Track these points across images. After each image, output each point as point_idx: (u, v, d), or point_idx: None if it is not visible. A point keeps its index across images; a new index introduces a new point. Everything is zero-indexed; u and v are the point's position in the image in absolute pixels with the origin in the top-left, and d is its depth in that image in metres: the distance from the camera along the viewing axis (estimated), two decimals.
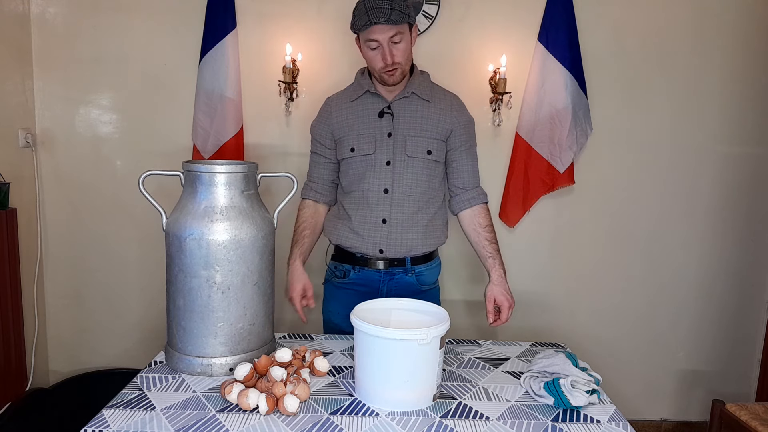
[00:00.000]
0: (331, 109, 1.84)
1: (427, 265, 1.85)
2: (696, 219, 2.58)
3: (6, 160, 2.27)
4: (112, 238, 2.54)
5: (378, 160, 1.76)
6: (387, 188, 1.76)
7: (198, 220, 1.42)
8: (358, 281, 1.83)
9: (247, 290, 1.46)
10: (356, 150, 1.77)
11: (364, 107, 1.79)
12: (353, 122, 1.79)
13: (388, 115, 1.76)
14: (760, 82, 2.48)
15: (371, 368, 1.32)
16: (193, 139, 2.42)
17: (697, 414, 2.72)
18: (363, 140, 1.77)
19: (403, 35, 1.66)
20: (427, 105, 1.78)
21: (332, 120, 1.82)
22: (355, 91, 1.82)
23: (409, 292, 1.80)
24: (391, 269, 1.80)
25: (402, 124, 1.76)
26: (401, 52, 1.67)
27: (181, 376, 1.43)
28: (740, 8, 2.43)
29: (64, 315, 2.59)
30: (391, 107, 1.77)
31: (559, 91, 2.35)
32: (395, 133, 1.76)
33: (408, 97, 1.77)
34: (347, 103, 1.82)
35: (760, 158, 2.55)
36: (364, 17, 1.63)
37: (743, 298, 2.64)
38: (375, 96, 1.78)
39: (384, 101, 1.78)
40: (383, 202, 1.76)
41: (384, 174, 1.76)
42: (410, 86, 1.77)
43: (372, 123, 1.77)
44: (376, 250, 1.78)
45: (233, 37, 2.34)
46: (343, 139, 1.80)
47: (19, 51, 2.36)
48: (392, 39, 1.64)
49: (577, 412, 1.31)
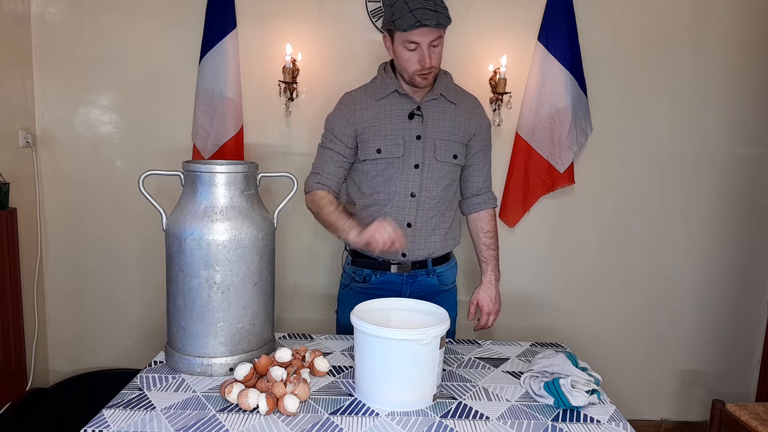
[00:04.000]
0: (356, 106, 1.74)
1: (446, 265, 1.85)
2: (696, 219, 2.58)
3: (6, 160, 2.27)
4: (112, 238, 2.54)
5: (406, 163, 1.71)
6: (414, 192, 1.72)
7: (198, 220, 1.42)
8: (380, 285, 1.79)
9: (247, 290, 1.46)
10: (383, 152, 1.70)
11: (391, 107, 1.72)
12: (380, 123, 1.71)
13: (418, 117, 1.71)
14: (760, 82, 2.48)
15: (371, 368, 1.32)
16: (193, 139, 2.42)
17: (697, 414, 2.72)
18: (391, 142, 1.70)
19: (441, 39, 1.62)
20: (453, 108, 1.75)
21: (356, 118, 1.73)
22: (380, 89, 1.73)
23: (430, 293, 1.79)
24: (413, 272, 1.79)
25: (431, 126, 1.71)
26: (437, 56, 1.63)
27: (181, 376, 1.43)
28: (740, 8, 2.43)
29: (64, 315, 2.59)
30: (421, 108, 1.71)
31: (559, 91, 2.35)
32: (424, 136, 1.71)
33: (437, 99, 1.72)
34: (372, 101, 1.73)
35: (760, 158, 2.55)
36: (410, 17, 1.54)
37: (743, 298, 2.64)
38: (404, 96, 1.72)
39: (413, 102, 1.72)
40: (409, 206, 1.73)
41: (412, 177, 1.71)
42: (438, 88, 1.72)
43: (400, 124, 1.71)
44: (398, 254, 1.74)
45: (233, 37, 2.34)
46: (369, 139, 1.72)
47: (19, 51, 2.36)
48: (432, 42, 1.59)
49: (577, 412, 1.31)
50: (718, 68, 2.47)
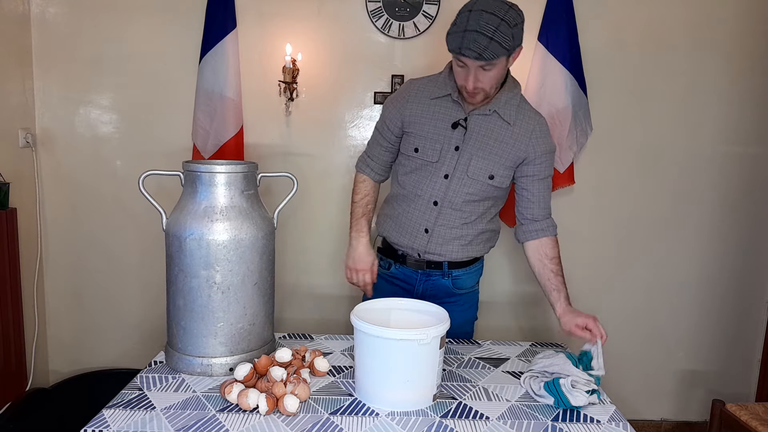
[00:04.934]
0: (409, 98, 1.69)
1: (466, 269, 1.81)
2: (696, 219, 2.58)
3: (6, 160, 2.27)
4: (112, 238, 2.54)
5: (438, 170, 1.67)
6: (437, 201, 1.69)
7: (198, 220, 1.42)
8: (399, 276, 1.83)
9: (247, 290, 1.46)
10: (420, 152, 1.67)
11: (440, 111, 1.66)
12: (425, 123, 1.67)
13: (462, 128, 1.65)
14: (760, 82, 2.48)
15: (371, 368, 1.32)
16: (193, 139, 2.42)
17: (697, 414, 2.72)
18: (429, 145, 1.66)
19: (496, 65, 1.49)
20: (506, 127, 1.64)
21: (406, 110, 1.69)
22: (438, 88, 1.67)
23: (444, 293, 1.79)
24: (428, 270, 1.79)
25: (473, 141, 1.64)
26: (489, 79, 1.52)
27: (181, 376, 1.43)
28: (740, 8, 2.43)
29: (64, 315, 2.59)
30: (467, 120, 1.64)
31: (559, 91, 2.35)
32: (463, 149, 1.65)
33: (489, 115, 1.63)
34: (426, 99, 1.68)
35: (760, 158, 2.55)
36: (457, 39, 1.45)
37: (743, 298, 2.64)
38: (455, 103, 1.65)
39: (462, 111, 1.65)
40: (430, 213, 1.70)
41: (439, 186, 1.68)
42: (495, 104, 1.62)
43: (443, 131, 1.65)
44: (414, 253, 1.77)
45: (233, 37, 2.34)
46: (410, 135, 1.69)
47: (19, 51, 2.36)
48: (483, 66, 1.48)
49: (577, 412, 1.32)
50: (718, 68, 2.47)
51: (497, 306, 2.57)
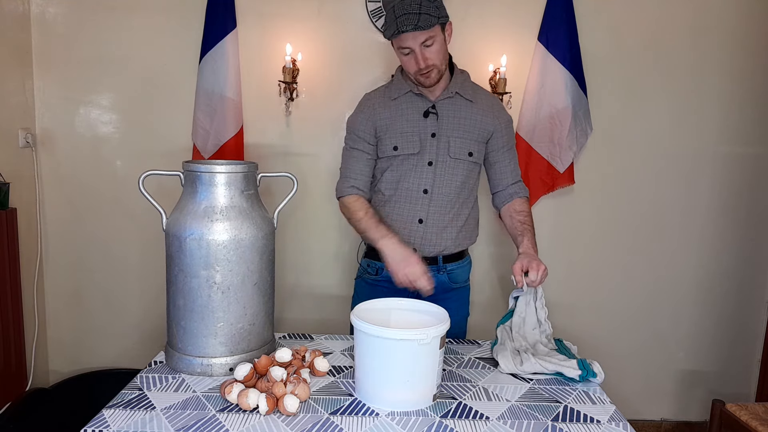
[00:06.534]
0: (374, 105, 1.78)
1: (459, 263, 1.85)
2: (696, 219, 2.58)
3: (6, 160, 2.27)
4: (112, 238, 2.54)
5: (421, 159, 1.74)
6: (427, 189, 1.75)
7: (198, 220, 1.42)
8: (390, 278, 1.76)
9: (247, 290, 1.46)
10: (399, 149, 1.74)
11: (407, 106, 1.75)
12: (396, 120, 1.75)
13: (433, 115, 1.74)
14: (760, 82, 2.48)
15: (371, 368, 1.32)
16: (193, 139, 2.42)
17: (697, 414, 2.72)
18: (407, 139, 1.74)
19: (435, 37, 1.61)
20: (470, 105, 1.76)
21: (376, 115, 1.77)
22: (396, 89, 1.77)
23: (440, 290, 1.78)
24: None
25: (446, 124, 1.74)
26: (435, 54, 1.63)
27: (181, 376, 1.43)
28: (740, 8, 2.43)
29: (64, 315, 2.59)
30: (436, 107, 1.74)
31: (559, 91, 2.35)
32: (439, 134, 1.74)
33: (452, 97, 1.75)
34: (389, 101, 1.77)
35: (760, 158, 2.55)
36: (392, 25, 1.59)
37: (743, 298, 2.64)
38: (418, 96, 1.75)
39: (428, 101, 1.75)
40: (422, 202, 1.76)
41: (425, 174, 1.74)
42: (453, 86, 1.75)
43: (416, 122, 1.74)
44: (409, 249, 1.73)
45: (233, 37, 2.34)
46: (385, 137, 1.76)
47: (19, 51, 2.36)
48: (424, 43, 1.60)
49: (577, 412, 1.31)
50: (718, 68, 2.47)
51: (499, 306, 2.57)
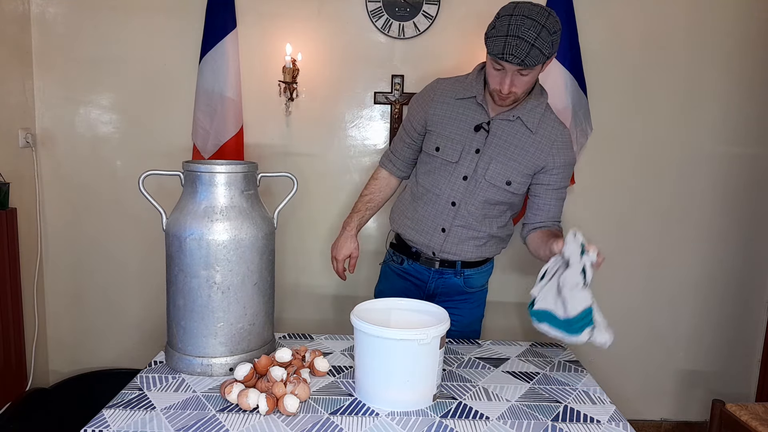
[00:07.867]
0: (435, 97, 1.72)
1: (478, 269, 1.83)
2: (696, 219, 2.58)
3: (6, 160, 2.27)
4: (112, 238, 2.54)
5: (457, 171, 1.69)
6: (455, 202, 1.71)
7: (198, 220, 1.42)
8: (411, 272, 1.85)
9: (247, 290, 1.46)
10: (441, 151, 1.69)
11: (464, 112, 1.68)
12: (448, 123, 1.69)
13: (484, 132, 1.66)
14: (760, 82, 2.48)
15: (371, 368, 1.32)
16: (193, 139, 2.42)
17: (697, 414, 2.72)
18: (450, 145, 1.68)
19: (532, 71, 1.51)
20: (528, 135, 1.65)
21: (430, 109, 1.71)
22: (465, 89, 1.68)
23: (455, 292, 1.82)
24: (441, 269, 1.80)
25: (494, 144, 1.66)
26: (524, 84, 1.54)
27: (181, 376, 1.43)
28: (739, 8, 2.43)
29: (64, 315, 2.59)
30: (491, 124, 1.66)
31: (559, 91, 2.35)
32: (483, 152, 1.67)
33: (512, 121, 1.65)
34: (452, 99, 1.70)
35: (760, 158, 2.55)
36: (499, 44, 1.45)
37: (743, 298, 2.64)
38: (479, 106, 1.67)
39: (486, 115, 1.66)
40: (447, 213, 1.72)
41: (457, 187, 1.70)
42: (519, 110, 1.64)
43: (465, 132, 1.67)
44: (429, 251, 1.78)
45: (233, 37, 2.34)
46: (433, 133, 1.71)
47: (19, 51, 2.36)
48: (520, 72, 1.50)
49: (577, 412, 1.31)
50: (718, 68, 2.47)
51: (502, 306, 2.56)
